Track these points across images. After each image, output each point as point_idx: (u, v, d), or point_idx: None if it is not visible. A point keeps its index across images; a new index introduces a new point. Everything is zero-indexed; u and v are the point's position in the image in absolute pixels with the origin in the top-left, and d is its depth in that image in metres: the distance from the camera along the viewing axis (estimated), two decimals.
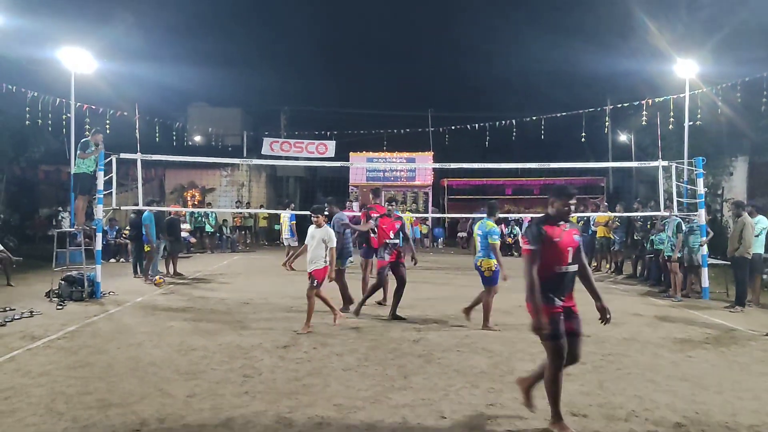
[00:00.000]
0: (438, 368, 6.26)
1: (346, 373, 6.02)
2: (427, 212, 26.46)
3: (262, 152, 26.19)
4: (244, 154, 28.24)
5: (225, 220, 24.13)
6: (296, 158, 26.25)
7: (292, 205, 17.43)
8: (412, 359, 6.60)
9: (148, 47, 29.02)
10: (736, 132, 20.21)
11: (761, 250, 10.49)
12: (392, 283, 9.27)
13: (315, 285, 7.97)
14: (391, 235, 9.22)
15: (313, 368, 6.19)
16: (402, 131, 28.36)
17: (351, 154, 27.12)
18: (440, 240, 26.87)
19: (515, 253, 22.17)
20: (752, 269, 10.42)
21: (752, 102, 15.96)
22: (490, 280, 8.20)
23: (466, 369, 6.24)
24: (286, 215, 18.09)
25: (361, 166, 27.18)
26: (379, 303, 9.98)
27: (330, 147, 26.70)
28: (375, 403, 5.12)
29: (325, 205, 9.21)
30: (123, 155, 11.98)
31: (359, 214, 12.22)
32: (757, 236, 10.35)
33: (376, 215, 9.84)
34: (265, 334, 7.77)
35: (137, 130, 13.95)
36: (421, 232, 25.08)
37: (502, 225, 22.34)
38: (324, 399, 5.20)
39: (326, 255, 7.97)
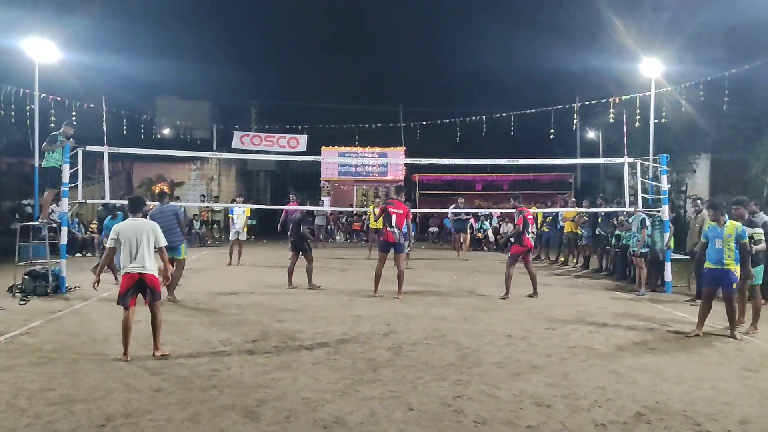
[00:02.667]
0: (407, 361, 6.32)
1: (315, 367, 6.04)
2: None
3: (232, 146, 25.98)
4: (214, 148, 27.96)
5: (195, 215, 23.85)
6: (267, 152, 26.08)
7: (240, 198, 17.10)
8: (381, 352, 6.65)
9: (115, 38, 28.48)
10: (698, 130, 20.74)
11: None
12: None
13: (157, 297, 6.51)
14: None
15: (282, 362, 6.20)
16: (374, 126, 28.42)
17: (323, 148, 27.06)
18: (412, 234, 26.95)
19: (485, 248, 22.40)
20: None
21: (714, 101, 16.41)
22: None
23: (434, 361, 6.31)
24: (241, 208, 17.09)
25: (332, 160, 27.12)
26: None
27: (301, 141, 26.60)
28: (344, 396, 5.15)
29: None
30: (89, 148, 11.78)
31: (302, 208, 12.25)
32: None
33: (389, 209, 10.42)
34: (234, 328, 7.74)
35: (104, 123, 13.71)
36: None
37: (472, 219, 22.53)
38: (293, 392, 5.22)
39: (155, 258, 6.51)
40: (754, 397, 5.28)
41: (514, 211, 11.27)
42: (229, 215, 16.91)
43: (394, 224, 10.31)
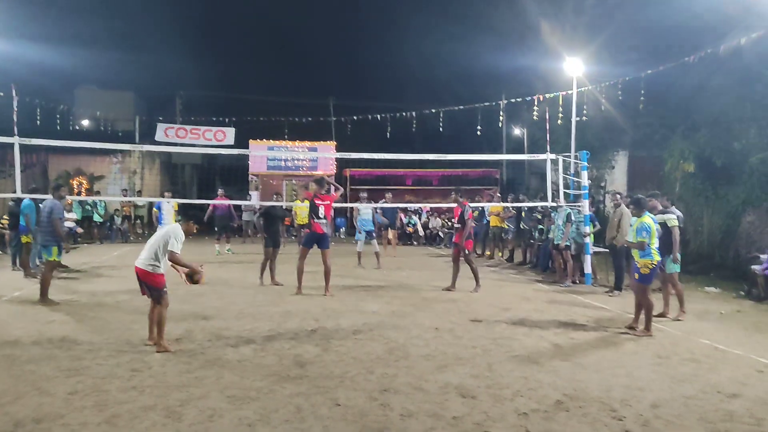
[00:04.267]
0: (335, 356, 6.29)
1: (240, 364, 5.93)
2: None
3: (156, 138, 25.09)
4: (137, 140, 26.89)
5: (117, 210, 22.97)
6: (193, 145, 25.37)
7: (168, 193, 16.49)
8: (309, 348, 6.60)
9: (28, 25, 26.85)
10: (617, 128, 21.62)
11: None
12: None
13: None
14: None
15: (206, 360, 6.05)
16: (304, 120, 28.14)
17: (251, 142, 26.55)
18: (342, 230, 26.95)
19: (414, 243, 22.63)
20: (628, 256, 11.15)
21: (630, 101, 17.15)
22: (644, 278, 7.76)
23: (362, 356, 6.31)
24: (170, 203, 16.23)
25: (261, 154, 26.68)
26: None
27: (229, 134, 25.94)
28: (269, 393, 5.08)
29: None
30: None
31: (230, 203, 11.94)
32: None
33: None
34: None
35: (15, 112, 12.95)
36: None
37: (401, 214, 22.73)
38: (217, 391, 5.10)
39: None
40: (665, 383, 5.56)
41: (456, 204, 11.18)
42: (155, 209, 16.26)
43: (321, 215, 10.18)
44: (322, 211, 10.15)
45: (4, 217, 16.45)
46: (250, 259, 14.76)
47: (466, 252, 10.92)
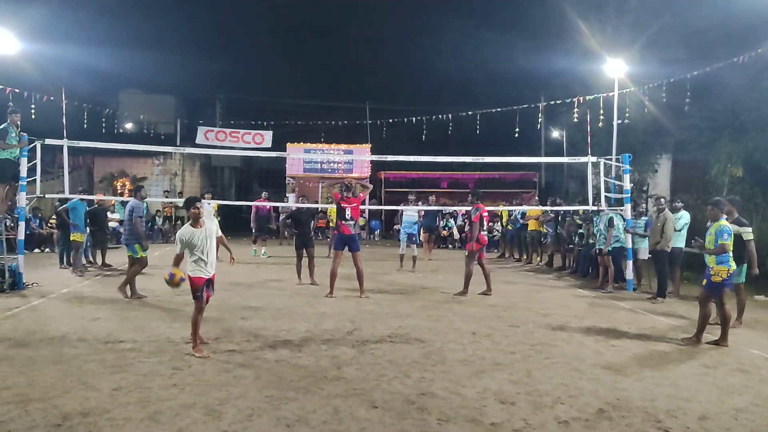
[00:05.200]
0: (371, 359, 6.29)
1: (278, 364, 5.97)
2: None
3: (197, 141, 25.60)
4: (178, 143, 27.50)
5: (158, 210, 23.46)
6: (232, 148, 25.78)
7: (209, 194, 16.70)
8: (345, 350, 6.61)
9: (77, 29, 27.70)
10: (660, 130, 21.13)
11: (682, 245, 10.96)
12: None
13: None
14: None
15: (244, 360, 6.11)
16: (340, 123, 28.34)
17: (288, 144, 26.85)
18: (377, 232, 27.00)
19: (450, 246, 22.52)
20: (672, 262, 10.91)
21: (675, 102, 16.72)
22: (713, 287, 7.30)
23: (398, 359, 6.29)
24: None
25: (298, 157, 27.01)
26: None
27: (267, 137, 26.31)
28: (307, 393, 5.10)
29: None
30: (48, 141, 11.46)
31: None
32: (679, 231, 10.82)
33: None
34: None
35: (64, 116, 13.34)
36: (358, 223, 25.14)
37: (438, 217, 22.61)
38: (255, 390, 5.14)
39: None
40: (713, 394, 5.38)
41: (471, 208, 11.13)
42: None
43: (349, 216, 10.25)
44: (349, 212, 10.26)
45: (53, 216, 16.97)
46: (286, 260, 14.89)
47: (466, 253, 10.96)
